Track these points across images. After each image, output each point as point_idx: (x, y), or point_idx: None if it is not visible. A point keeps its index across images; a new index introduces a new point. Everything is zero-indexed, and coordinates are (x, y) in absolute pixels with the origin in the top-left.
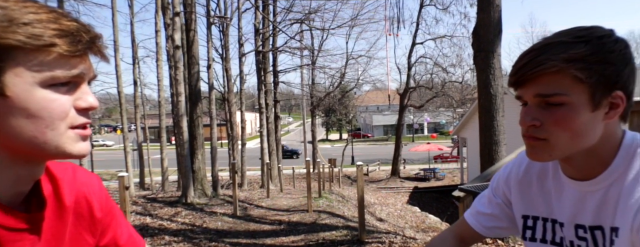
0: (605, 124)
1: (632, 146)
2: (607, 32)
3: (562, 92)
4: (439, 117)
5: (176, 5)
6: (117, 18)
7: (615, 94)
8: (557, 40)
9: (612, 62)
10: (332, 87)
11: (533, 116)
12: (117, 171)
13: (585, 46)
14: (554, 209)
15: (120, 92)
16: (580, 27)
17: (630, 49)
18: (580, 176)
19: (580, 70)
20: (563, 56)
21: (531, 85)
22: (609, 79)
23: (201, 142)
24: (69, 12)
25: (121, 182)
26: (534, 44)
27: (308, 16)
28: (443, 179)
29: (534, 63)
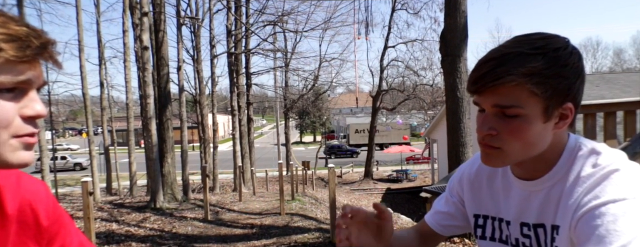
0: (554, 132)
1: (575, 149)
2: (563, 44)
3: (518, 105)
4: (410, 119)
5: (144, 5)
6: (82, 17)
7: (566, 105)
8: (515, 51)
9: (565, 76)
10: (305, 90)
11: (490, 125)
12: (83, 175)
13: (542, 59)
14: (502, 208)
15: (86, 93)
16: (538, 36)
17: (582, 60)
18: (527, 175)
19: (537, 84)
20: (521, 70)
21: (489, 95)
22: (562, 92)
23: (171, 146)
24: (19, 16)
25: (84, 188)
26: (492, 52)
27: (281, 18)
28: (415, 180)
29: (493, 74)
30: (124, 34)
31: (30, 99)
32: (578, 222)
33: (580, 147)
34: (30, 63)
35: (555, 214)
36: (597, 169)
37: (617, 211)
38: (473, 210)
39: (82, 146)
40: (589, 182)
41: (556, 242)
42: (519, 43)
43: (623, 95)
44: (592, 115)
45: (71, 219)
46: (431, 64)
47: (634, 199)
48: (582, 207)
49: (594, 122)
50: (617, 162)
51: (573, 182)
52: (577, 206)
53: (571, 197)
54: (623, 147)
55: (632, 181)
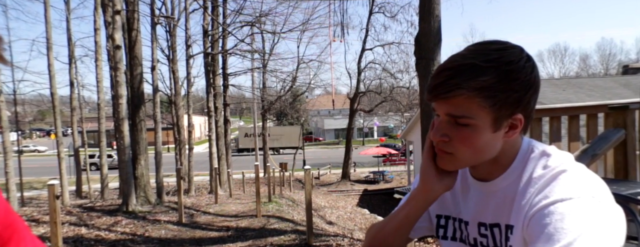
0: (504, 140)
1: (527, 151)
2: (517, 57)
3: (468, 116)
4: (387, 121)
5: (117, 3)
6: (50, 13)
7: (515, 116)
8: (469, 63)
9: (516, 90)
10: (283, 91)
11: (443, 132)
12: (51, 178)
13: (493, 73)
14: (461, 209)
15: (54, 93)
16: (495, 47)
17: (535, 71)
18: (484, 177)
19: (486, 98)
20: (472, 84)
21: (443, 104)
22: (511, 105)
23: (144, 147)
24: None
25: (51, 191)
26: (449, 60)
27: (259, 19)
28: (392, 181)
29: (446, 86)
30: (96, 32)
31: None
32: (529, 221)
33: (532, 150)
34: None
35: (510, 214)
36: (547, 170)
37: (564, 209)
38: (436, 210)
39: (50, 147)
40: (539, 183)
41: (510, 242)
42: (475, 53)
43: (588, 99)
44: (557, 118)
45: (26, 225)
46: (408, 66)
47: (579, 198)
48: (533, 207)
49: (559, 125)
50: (564, 163)
51: (526, 183)
52: (529, 206)
53: (524, 198)
54: (583, 149)
55: (577, 181)
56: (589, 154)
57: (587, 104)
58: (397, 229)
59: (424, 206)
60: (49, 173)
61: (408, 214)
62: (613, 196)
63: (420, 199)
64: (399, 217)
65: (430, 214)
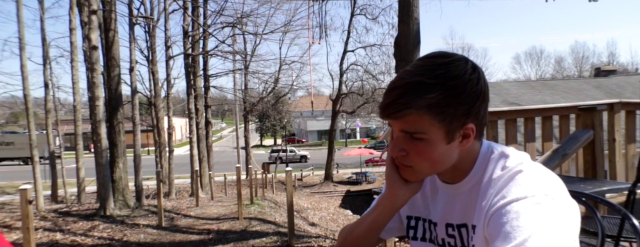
0: (460, 149)
1: (487, 154)
2: (462, 70)
3: (421, 131)
4: (370, 122)
5: (93, 3)
6: (22, 12)
7: (467, 126)
8: (416, 80)
9: (464, 102)
10: (265, 93)
11: (400, 147)
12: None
13: (439, 89)
14: (431, 210)
15: (27, 95)
16: (440, 61)
17: (482, 80)
18: (449, 180)
19: (435, 114)
20: (420, 102)
21: (396, 122)
22: (461, 117)
23: (123, 150)
24: None
25: (23, 196)
26: (398, 78)
27: (240, 20)
28: (374, 182)
29: (396, 105)
30: (71, 32)
31: None
32: (489, 221)
33: (492, 151)
34: None
35: (473, 215)
36: (505, 171)
37: (519, 208)
38: (407, 212)
39: None
40: (498, 184)
41: (473, 241)
42: (421, 70)
43: (562, 101)
44: (531, 119)
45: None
46: (389, 68)
47: (534, 197)
48: (492, 207)
49: (533, 126)
50: (521, 164)
51: (486, 184)
52: (489, 206)
53: (484, 199)
54: (555, 149)
55: (532, 180)
56: (560, 153)
57: (559, 106)
58: (367, 232)
59: (392, 210)
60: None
61: (376, 218)
62: (576, 194)
63: (387, 204)
64: (367, 220)
65: (401, 215)
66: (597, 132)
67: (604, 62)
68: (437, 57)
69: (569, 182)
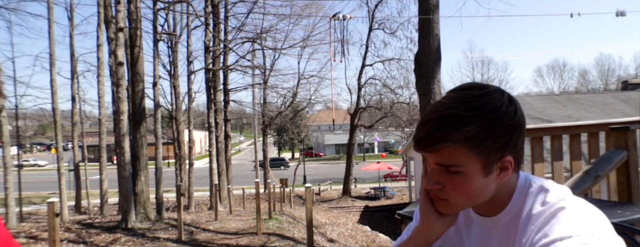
0: (497, 181)
1: (525, 187)
2: (498, 102)
3: (457, 164)
4: (388, 136)
5: (120, 21)
6: (54, 30)
7: (505, 159)
8: (452, 113)
9: (501, 135)
10: (283, 107)
11: (435, 180)
12: (50, 193)
13: (476, 122)
14: (464, 242)
15: (56, 108)
16: (475, 93)
17: (519, 112)
18: (485, 212)
19: (473, 147)
20: (457, 136)
21: (431, 154)
22: (499, 150)
23: (145, 163)
24: None
25: (50, 209)
26: (432, 110)
27: (260, 35)
28: (393, 198)
29: (432, 138)
30: (98, 48)
31: None
32: None
33: (530, 185)
34: None
35: None
36: (546, 207)
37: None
38: (439, 243)
39: (50, 161)
40: (539, 221)
41: None
42: (456, 102)
43: (588, 115)
44: (558, 137)
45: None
46: (408, 82)
47: (579, 237)
48: (534, 245)
49: (560, 144)
50: (563, 200)
51: (525, 219)
52: (530, 244)
53: (524, 235)
54: (586, 170)
55: (576, 218)
56: (592, 175)
57: (588, 123)
58: None
59: (426, 244)
60: (49, 188)
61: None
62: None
63: (421, 237)
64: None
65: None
66: (631, 152)
67: (631, 75)
68: (472, 89)
69: (604, 207)
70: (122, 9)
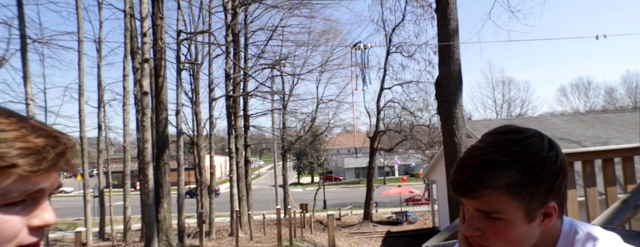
0: (541, 228)
1: (570, 233)
2: (538, 147)
3: (498, 211)
4: (409, 159)
5: (146, 52)
6: (83, 62)
7: (548, 205)
8: (490, 158)
9: (543, 181)
10: (303, 131)
11: (475, 226)
12: (75, 219)
13: (517, 168)
14: None
15: (83, 137)
16: (513, 137)
17: (561, 156)
18: None
19: (514, 194)
20: (497, 182)
21: (470, 200)
22: (542, 196)
23: (167, 190)
24: (42, 123)
25: (77, 238)
26: (469, 155)
27: (279, 62)
28: (415, 222)
29: (470, 185)
30: (124, 78)
31: (41, 208)
32: None
33: (576, 232)
34: (44, 174)
35: None
36: None
37: None
38: None
39: (76, 188)
40: None
41: None
42: (494, 147)
43: (618, 136)
44: (590, 162)
45: None
46: (427, 104)
47: None
48: None
49: (592, 169)
50: None
51: None
52: None
53: None
54: (624, 199)
55: None
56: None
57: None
58: None
59: None
60: (74, 214)
61: None
62: None
63: None
64: None
65: None
66: None
67: None
68: (510, 133)
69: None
70: (147, 40)
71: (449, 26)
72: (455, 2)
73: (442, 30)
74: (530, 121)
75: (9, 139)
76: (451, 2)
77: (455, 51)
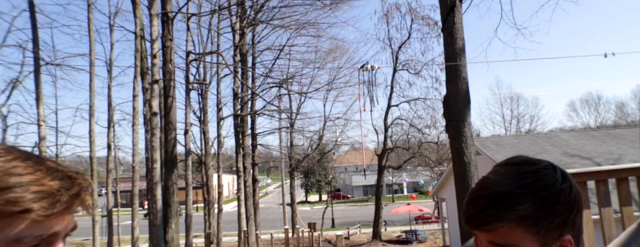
0: None
1: None
2: (552, 179)
3: (513, 244)
4: (417, 177)
5: (155, 73)
6: (95, 83)
7: (563, 238)
8: (504, 191)
9: (558, 214)
10: (310, 149)
11: None
12: (83, 239)
13: (531, 200)
14: None
15: (93, 157)
16: (526, 169)
17: (575, 188)
18: None
19: (529, 227)
20: (511, 215)
21: (484, 233)
22: (557, 229)
23: (175, 211)
24: (57, 165)
25: None
26: (481, 187)
27: (286, 80)
28: (425, 241)
29: (483, 217)
30: (134, 98)
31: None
32: None
33: None
34: (59, 216)
35: None
36: None
37: None
38: None
39: None
40: None
41: None
42: (507, 179)
43: (631, 152)
44: (604, 181)
45: None
46: (435, 121)
47: None
48: None
49: (606, 189)
50: None
51: None
52: None
53: None
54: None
55: None
56: None
57: (636, 166)
58: None
59: None
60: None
61: None
62: None
63: None
64: None
65: None
66: None
67: None
68: (522, 164)
69: None
70: (157, 62)
71: (455, 45)
72: (461, 22)
73: (449, 50)
74: (540, 137)
75: (24, 183)
76: (457, 22)
77: (462, 70)
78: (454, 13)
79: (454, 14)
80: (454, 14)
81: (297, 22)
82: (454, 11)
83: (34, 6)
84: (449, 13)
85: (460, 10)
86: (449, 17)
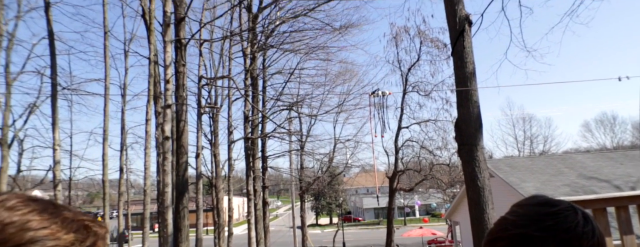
0: None
1: None
2: (572, 222)
3: None
4: (429, 199)
5: (168, 98)
6: (109, 107)
7: None
8: (523, 232)
9: None
10: (320, 172)
11: None
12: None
13: (552, 243)
14: None
15: (105, 180)
16: (546, 210)
17: (597, 232)
18: None
19: None
20: None
21: None
22: None
23: (186, 235)
24: (74, 214)
25: None
26: (500, 227)
27: (296, 103)
28: None
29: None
30: (147, 122)
31: None
32: None
33: None
34: None
35: None
36: None
37: None
38: None
39: None
40: None
41: None
42: (526, 220)
43: None
44: (624, 207)
45: None
46: (446, 143)
47: None
48: None
49: (627, 215)
50: None
51: None
52: None
53: None
54: None
55: None
56: None
57: None
58: None
59: None
60: None
61: None
62: None
63: None
64: None
65: None
66: None
67: None
68: (542, 206)
69: None
70: (170, 87)
71: (466, 69)
72: (471, 46)
73: (459, 74)
74: (555, 159)
75: (39, 237)
76: (467, 46)
77: (473, 94)
78: (464, 37)
79: (463, 38)
80: (463, 38)
81: (307, 46)
82: (464, 35)
83: (53, 34)
84: (459, 37)
85: (469, 34)
86: (458, 41)
